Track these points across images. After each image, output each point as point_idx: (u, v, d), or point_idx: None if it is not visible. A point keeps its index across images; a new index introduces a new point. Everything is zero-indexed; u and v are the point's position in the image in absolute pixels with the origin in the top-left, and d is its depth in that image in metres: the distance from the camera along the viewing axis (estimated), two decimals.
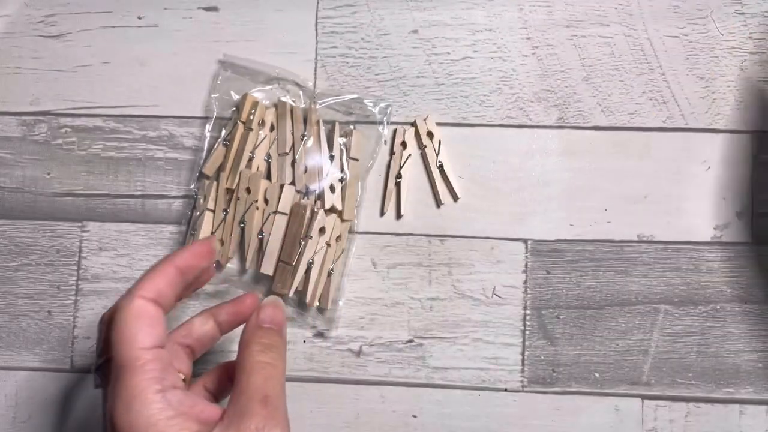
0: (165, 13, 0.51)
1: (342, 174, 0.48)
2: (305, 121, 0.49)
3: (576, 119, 0.49)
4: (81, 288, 0.50)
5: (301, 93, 0.50)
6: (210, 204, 0.48)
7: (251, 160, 0.48)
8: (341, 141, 0.49)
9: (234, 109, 0.49)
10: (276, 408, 0.33)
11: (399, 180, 0.49)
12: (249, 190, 0.48)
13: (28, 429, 0.49)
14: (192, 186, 0.50)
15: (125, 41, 0.51)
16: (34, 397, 0.49)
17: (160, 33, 0.51)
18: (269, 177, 0.49)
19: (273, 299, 0.39)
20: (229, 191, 0.48)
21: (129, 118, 0.51)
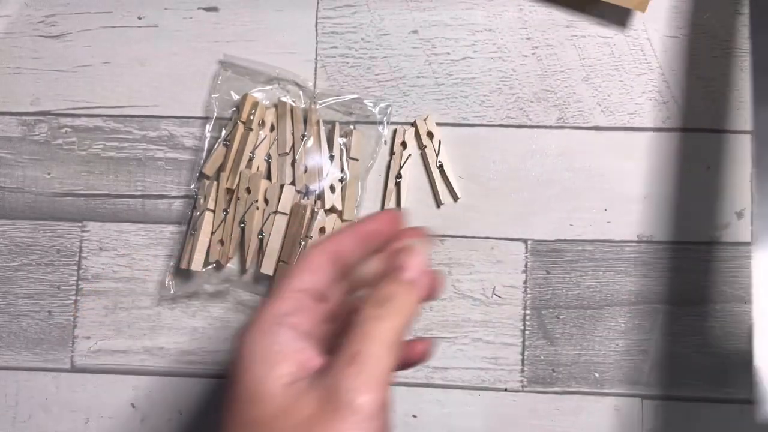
0: (165, 13, 0.51)
1: (342, 174, 0.48)
2: (305, 121, 0.49)
3: (576, 119, 0.49)
4: (81, 288, 0.50)
5: (301, 93, 0.50)
6: (210, 204, 0.48)
7: (251, 160, 0.48)
8: (341, 141, 0.49)
9: (234, 109, 0.49)
10: (368, 373, 0.29)
11: (399, 180, 0.49)
12: (249, 190, 0.48)
13: (28, 429, 0.49)
14: (192, 186, 0.50)
15: (125, 41, 0.51)
16: (34, 397, 0.49)
17: (160, 33, 0.51)
18: (269, 177, 0.49)
19: (418, 245, 0.33)
20: (229, 191, 0.48)
21: (129, 118, 0.51)
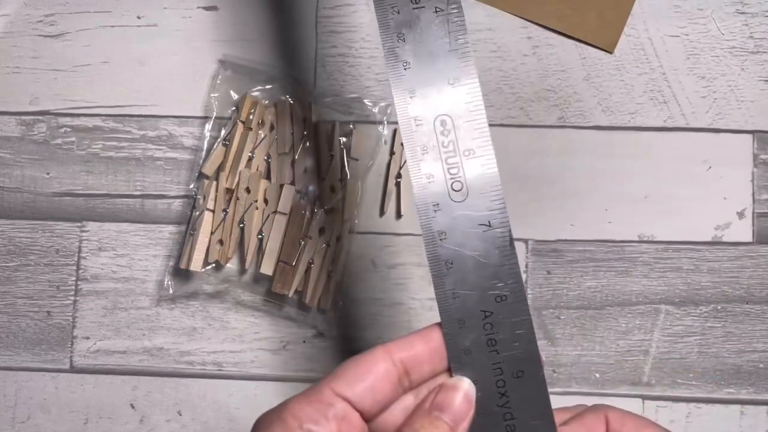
0: (165, 13, 0.51)
1: (342, 174, 0.48)
2: (305, 121, 0.49)
3: (576, 119, 0.49)
4: (80, 288, 0.50)
5: (301, 92, 0.49)
6: (209, 204, 0.48)
7: (251, 160, 0.48)
8: (341, 141, 0.49)
9: (234, 109, 0.49)
10: None
11: (399, 180, 0.49)
12: (248, 189, 0.48)
13: (27, 429, 0.49)
14: (191, 186, 0.49)
15: (125, 41, 0.51)
16: (33, 398, 0.49)
17: (159, 33, 0.51)
18: (269, 177, 0.49)
19: (466, 383, 0.29)
20: (229, 191, 0.48)
21: (128, 117, 0.51)
